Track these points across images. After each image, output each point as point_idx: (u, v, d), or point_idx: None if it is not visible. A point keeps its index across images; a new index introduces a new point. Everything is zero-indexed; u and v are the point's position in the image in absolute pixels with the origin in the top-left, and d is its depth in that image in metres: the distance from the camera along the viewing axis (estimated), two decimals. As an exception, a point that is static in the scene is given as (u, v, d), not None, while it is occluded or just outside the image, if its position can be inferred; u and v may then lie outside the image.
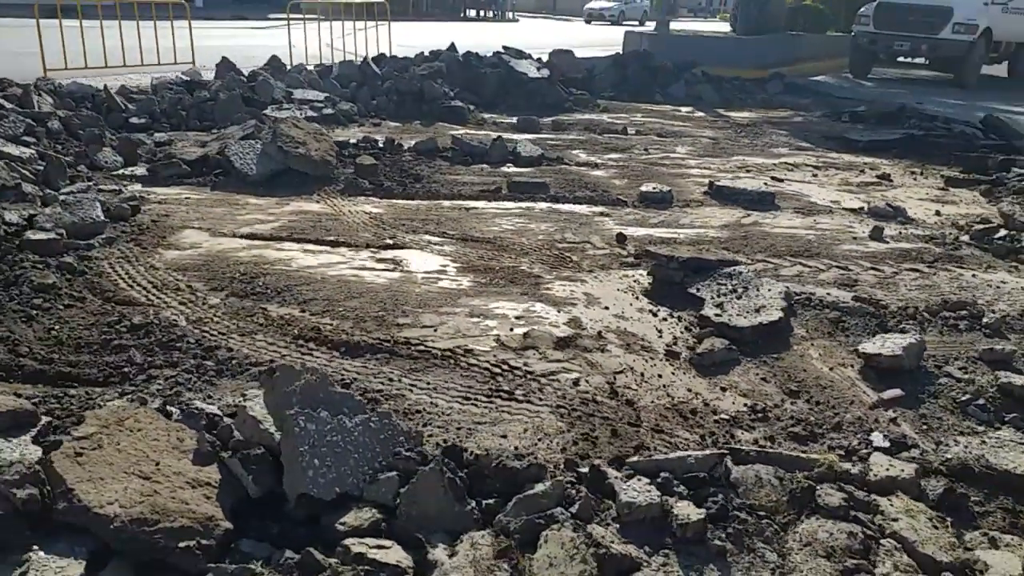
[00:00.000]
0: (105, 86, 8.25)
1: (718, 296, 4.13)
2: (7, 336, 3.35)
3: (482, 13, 42.27)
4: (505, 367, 3.36)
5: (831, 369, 3.55)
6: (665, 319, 4.03)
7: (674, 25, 20.48)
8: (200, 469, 2.32)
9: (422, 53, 12.43)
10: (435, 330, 3.70)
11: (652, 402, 3.18)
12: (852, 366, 3.57)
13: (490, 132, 9.00)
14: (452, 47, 13.07)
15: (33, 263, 4.07)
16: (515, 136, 8.53)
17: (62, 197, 5.00)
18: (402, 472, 2.33)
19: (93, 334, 3.46)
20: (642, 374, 3.42)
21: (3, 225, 4.39)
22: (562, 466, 2.58)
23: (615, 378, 3.35)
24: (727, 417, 3.10)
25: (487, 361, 3.41)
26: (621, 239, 5.24)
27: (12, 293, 3.74)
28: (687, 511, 2.24)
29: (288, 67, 10.77)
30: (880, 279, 4.73)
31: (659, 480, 2.38)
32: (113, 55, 10.59)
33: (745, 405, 3.21)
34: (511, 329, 3.75)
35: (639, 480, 2.36)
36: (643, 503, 2.25)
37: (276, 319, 3.73)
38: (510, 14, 42.97)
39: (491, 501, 2.32)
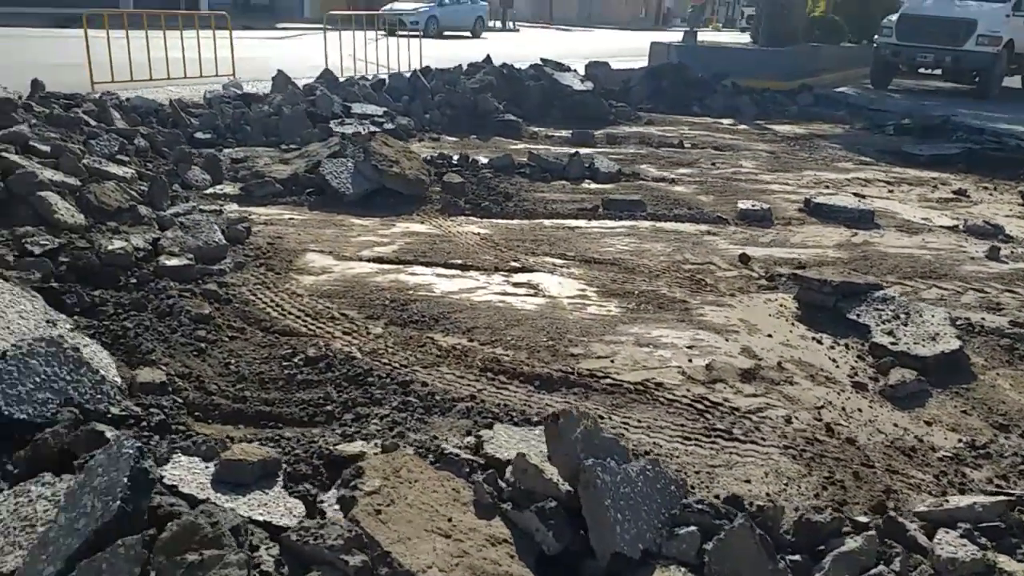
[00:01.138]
0: (171, 101, 8.08)
1: (882, 323, 4.03)
2: (188, 372, 3.20)
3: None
4: (707, 402, 3.25)
5: (1027, 399, 3.46)
6: (832, 347, 3.93)
7: (677, 35, 20.55)
8: (488, 523, 2.19)
9: (460, 66, 12.32)
10: (612, 361, 3.58)
11: (868, 439, 3.08)
12: (1049, 396, 3.49)
13: (548, 146, 8.93)
14: (488, 59, 13.00)
15: (180, 291, 3.92)
16: (566, 149, 8.41)
17: (178, 219, 4.84)
18: (701, 526, 2.21)
19: (273, 368, 3.32)
20: (843, 408, 3.32)
21: (135, 251, 4.23)
22: (853, 517, 2.45)
23: (820, 413, 3.24)
24: (949, 455, 3.01)
25: (683, 396, 3.30)
26: (745, 260, 5.15)
27: (171, 324, 3.59)
28: (1011, 566, 2.14)
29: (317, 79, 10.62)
30: (1023, 302, 4.66)
31: (960, 531, 2.27)
32: (155, 67, 10.40)
33: (960, 441, 3.12)
34: (689, 360, 3.63)
35: (947, 532, 2.25)
36: (966, 559, 2.14)
37: (449, 349, 3.60)
38: (511, 24, 42.88)
39: (796, 558, 2.20)
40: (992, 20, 16.19)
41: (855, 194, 7.33)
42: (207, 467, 2.36)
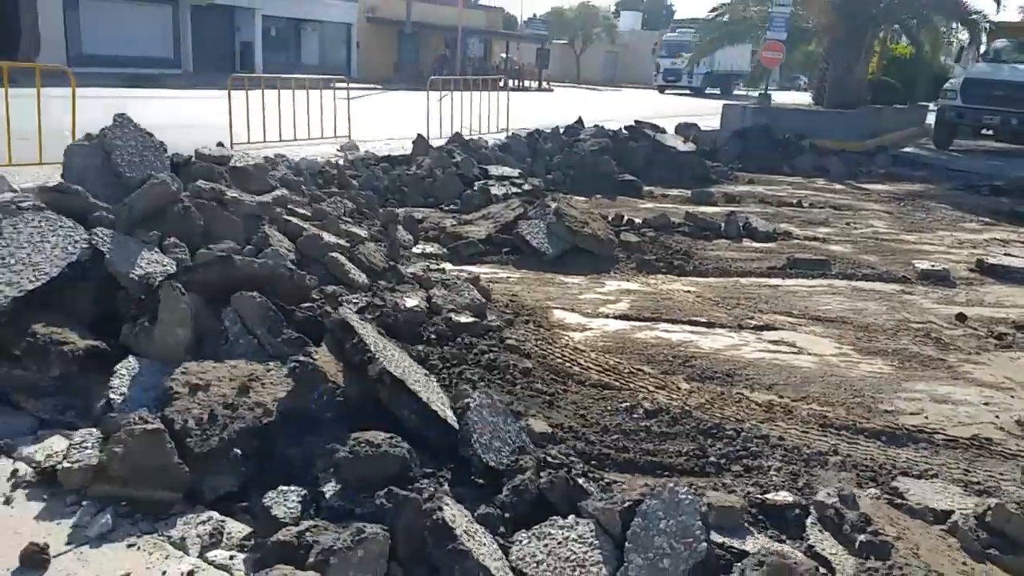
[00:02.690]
0: (336, 162, 8.43)
1: None
2: (559, 424, 3.39)
3: (521, 83, 43.17)
4: (1041, 455, 3.42)
5: None
6: (1108, 403, 4.10)
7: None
8: (985, 568, 2.36)
9: (557, 128, 12.74)
10: (926, 417, 3.76)
11: None
12: None
13: (671, 205, 9.25)
14: (580, 121, 13.45)
15: (488, 347, 4.13)
16: (698, 208, 8.68)
17: (434, 277, 5.10)
18: None
19: (624, 421, 3.51)
20: None
21: (416, 310, 4.45)
22: None
23: None
24: None
25: (1008, 448, 3.47)
26: (962, 319, 5.35)
27: (505, 377, 3.80)
28: None
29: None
30: None
31: None
32: (272, 127, 10.80)
33: None
34: (996, 416, 3.82)
35: None
36: None
37: (766, 404, 3.79)
38: (545, 83, 43.92)
39: None
40: (1056, 83, 16.64)
41: (1007, 254, 7.54)
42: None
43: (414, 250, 6.29)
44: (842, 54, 17.71)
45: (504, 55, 45.06)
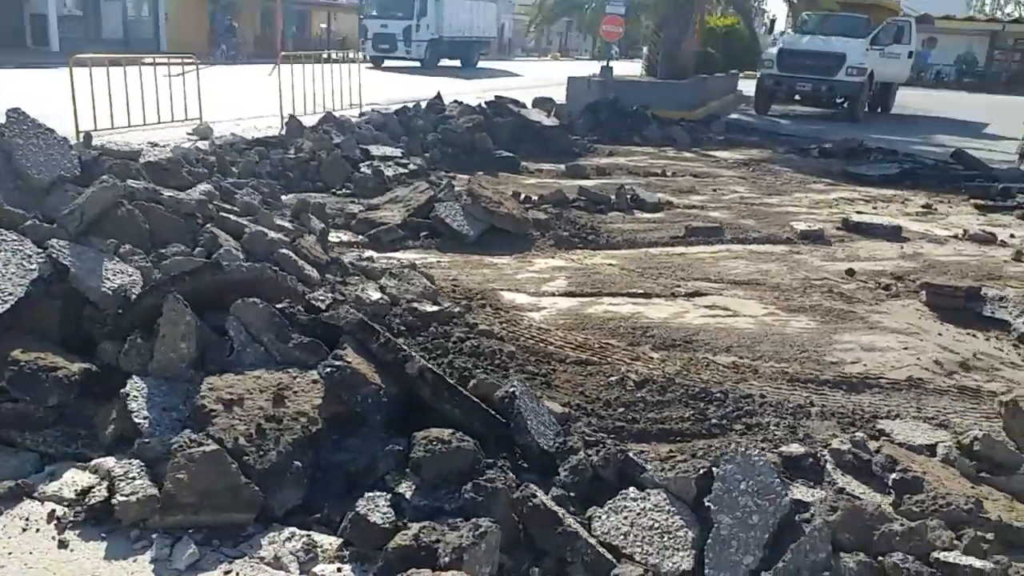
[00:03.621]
0: (216, 146, 7.98)
1: (1014, 317, 4.98)
2: (568, 403, 3.54)
3: (345, 56, 42.01)
4: (968, 389, 4.00)
5: None
6: (988, 340, 4.82)
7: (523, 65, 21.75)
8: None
9: (419, 104, 12.70)
10: (865, 365, 4.27)
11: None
12: None
13: (551, 180, 9.58)
14: (439, 97, 13.47)
15: (464, 334, 4.19)
16: (575, 182, 9.09)
17: (377, 267, 5.04)
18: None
19: (620, 393, 3.72)
20: (1054, 383, 4.18)
21: (381, 302, 4.43)
22: None
23: (1046, 389, 4.08)
24: None
25: (947, 385, 4.03)
26: (851, 273, 6.01)
27: (492, 363, 3.89)
28: None
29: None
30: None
31: None
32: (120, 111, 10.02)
33: None
34: (917, 358, 4.39)
35: None
36: None
37: (732, 366, 4.14)
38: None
39: None
40: (857, 53, 18.56)
41: (858, 211, 8.47)
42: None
43: (334, 238, 6.15)
44: (673, 27, 18.76)
45: (323, 25, 43.62)
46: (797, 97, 19.86)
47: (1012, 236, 7.68)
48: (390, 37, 29.96)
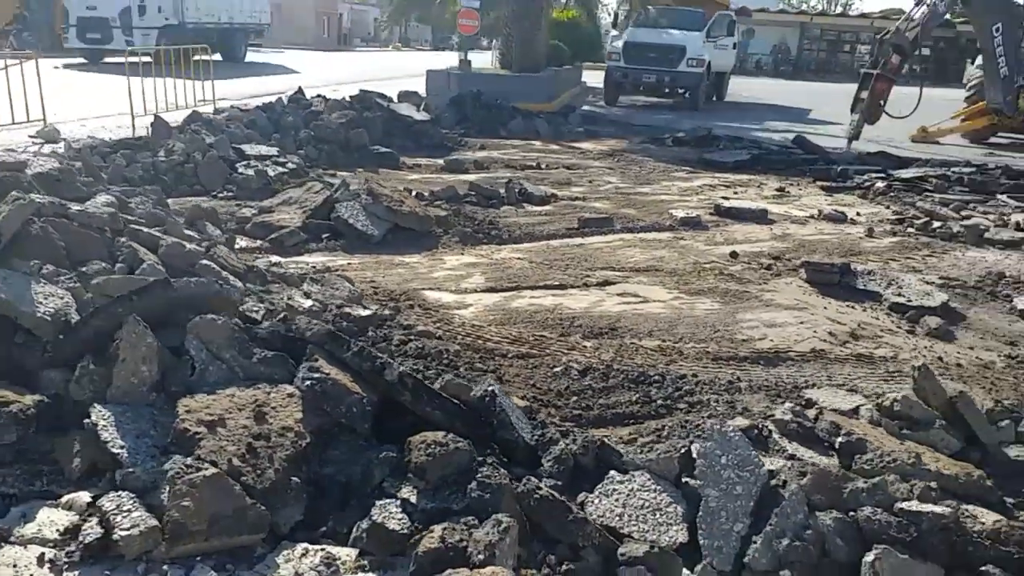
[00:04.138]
0: (74, 150, 7.45)
1: (884, 289, 5.61)
2: (524, 395, 3.69)
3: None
4: (864, 357, 4.49)
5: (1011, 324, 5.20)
6: (865, 311, 5.39)
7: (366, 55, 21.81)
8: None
9: (281, 99, 12.37)
10: (772, 340, 4.68)
11: (959, 361, 4.54)
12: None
13: (432, 175, 9.67)
14: (301, 91, 13.19)
15: (403, 336, 4.23)
16: (458, 177, 9.29)
17: (294, 273, 4.96)
18: (1011, 418, 3.42)
19: (566, 383, 3.91)
20: (922, 347, 4.76)
21: (315, 309, 4.39)
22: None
23: (917, 353, 4.65)
24: (1004, 364, 4.57)
25: (844, 354, 4.51)
26: (735, 256, 6.51)
27: (441, 364, 3.97)
28: None
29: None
30: (928, 265, 6.57)
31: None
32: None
33: (1000, 355, 4.70)
34: (813, 331, 4.86)
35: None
36: None
37: (658, 349, 4.43)
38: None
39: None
40: (696, 46, 19.74)
41: (723, 197, 9.11)
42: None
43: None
44: (524, 20, 19.14)
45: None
46: (641, 88, 20.84)
47: (858, 214, 8.53)
48: (102, 23, 21.71)
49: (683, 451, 2.84)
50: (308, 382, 2.93)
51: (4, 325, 3.15)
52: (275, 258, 5.71)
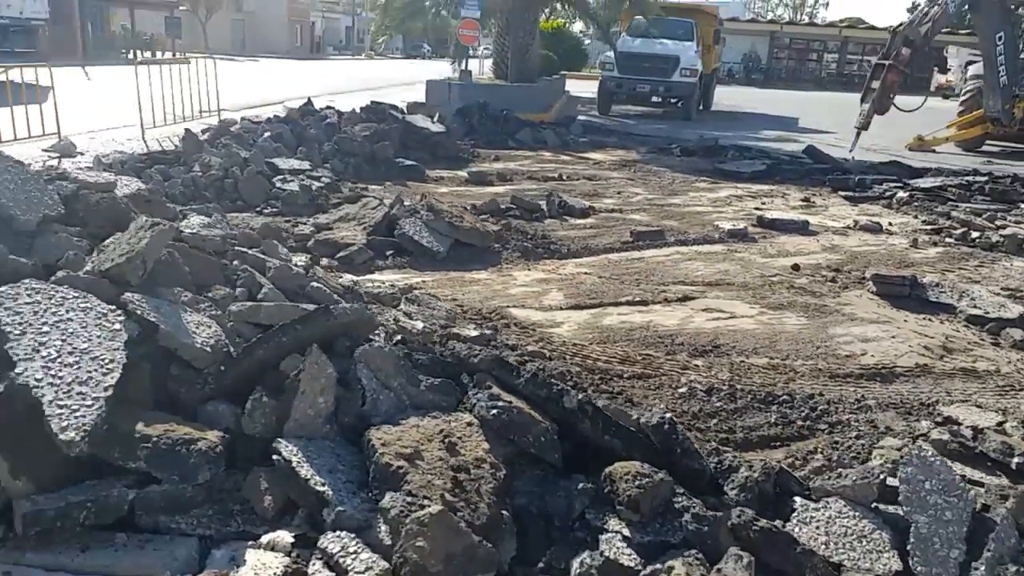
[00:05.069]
0: (104, 165, 7.26)
1: (956, 301, 5.68)
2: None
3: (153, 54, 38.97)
4: (972, 371, 4.53)
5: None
6: (943, 323, 5.45)
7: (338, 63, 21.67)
8: (1073, 461, 3.23)
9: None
10: (872, 356, 4.70)
11: (1061, 374, 4.61)
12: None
13: (459, 188, 9.63)
14: (310, 102, 13.08)
15: (519, 358, 4.16)
16: (485, 190, 9.29)
17: (388, 293, 4.88)
18: None
19: (703, 404, 3.87)
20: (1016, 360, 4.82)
21: (427, 331, 4.31)
22: None
23: (1015, 366, 4.71)
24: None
25: (951, 369, 4.54)
26: (796, 268, 6.55)
27: (572, 385, 3.91)
28: None
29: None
30: (982, 275, 6.67)
31: None
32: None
33: (1092, 366, 4.78)
34: (909, 346, 4.89)
35: None
36: None
37: (768, 367, 4.42)
38: (180, 54, 40.26)
39: None
40: (689, 56, 19.92)
41: (756, 208, 9.18)
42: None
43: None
44: (520, 30, 19.18)
45: (124, 24, 40.37)
46: (632, 96, 20.94)
47: (890, 224, 8.65)
48: None
49: (882, 477, 2.82)
50: (494, 411, 2.87)
51: (157, 356, 3.03)
52: (349, 277, 5.61)
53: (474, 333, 4.39)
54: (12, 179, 3.96)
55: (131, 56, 37.36)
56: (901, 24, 13.86)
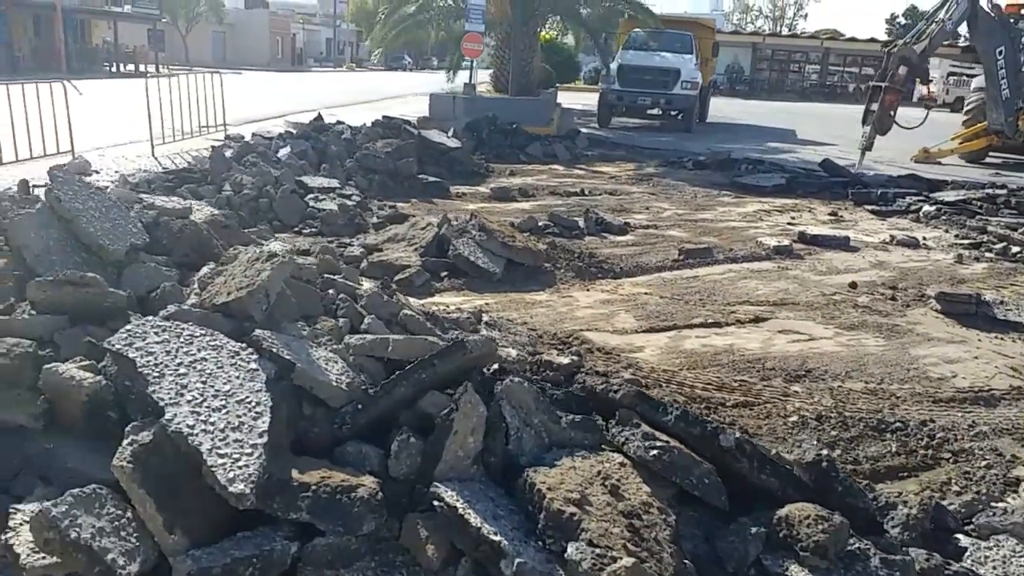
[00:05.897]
0: (130, 185, 7.05)
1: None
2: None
3: (136, 68, 38.59)
4: (1061, 392, 4.48)
5: None
6: (1015, 342, 5.41)
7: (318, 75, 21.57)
8: None
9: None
10: (964, 378, 4.64)
11: None
12: None
13: (485, 205, 9.51)
14: (320, 118, 12.93)
15: (615, 390, 4.04)
16: (509, 206, 9.20)
17: (466, 318, 4.74)
18: None
19: (816, 434, 3.78)
20: (1107, 379, 4.78)
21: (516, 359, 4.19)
22: None
23: (1108, 384, 4.67)
24: None
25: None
26: (854, 286, 6.49)
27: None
28: None
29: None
30: (1034, 291, 6.66)
31: None
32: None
33: None
34: (995, 366, 4.84)
35: None
36: None
37: (866, 392, 4.34)
38: (164, 68, 39.86)
39: None
40: (689, 69, 19.96)
41: (788, 223, 9.14)
42: None
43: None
44: (521, 43, 19.13)
45: (106, 38, 39.89)
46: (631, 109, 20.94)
47: (925, 239, 8.64)
48: None
49: (1054, 513, 2.73)
50: (653, 452, 2.74)
51: (289, 395, 2.88)
52: (412, 300, 5.46)
53: (566, 361, 4.27)
54: (96, 207, 3.80)
55: (114, 69, 37.02)
56: (894, 44, 13.95)
